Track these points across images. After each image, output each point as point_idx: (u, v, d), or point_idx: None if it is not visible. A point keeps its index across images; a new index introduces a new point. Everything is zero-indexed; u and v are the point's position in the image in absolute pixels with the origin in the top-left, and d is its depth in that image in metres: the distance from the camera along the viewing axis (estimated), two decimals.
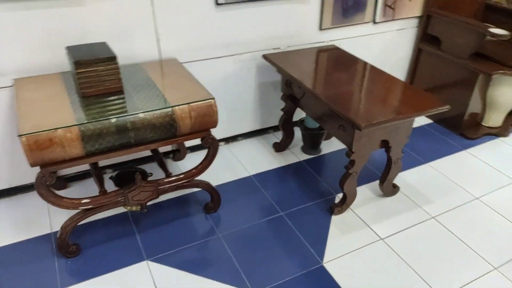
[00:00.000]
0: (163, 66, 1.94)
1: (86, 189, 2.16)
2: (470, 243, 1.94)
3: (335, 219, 2.04)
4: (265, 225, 1.98)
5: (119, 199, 1.69)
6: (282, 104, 2.41)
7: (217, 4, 2.03)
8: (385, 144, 1.90)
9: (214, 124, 1.65)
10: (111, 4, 1.79)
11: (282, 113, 2.40)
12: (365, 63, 2.25)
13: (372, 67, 2.21)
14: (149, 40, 1.96)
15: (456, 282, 1.74)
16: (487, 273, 1.79)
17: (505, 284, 1.74)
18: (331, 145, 2.62)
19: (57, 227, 1.87)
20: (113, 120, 1.45)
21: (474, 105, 2.69)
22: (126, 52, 1.88)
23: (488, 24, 2.51)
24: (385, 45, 2.80)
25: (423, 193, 2.24)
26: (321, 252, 1.84)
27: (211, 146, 1.73)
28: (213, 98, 1.62)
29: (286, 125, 2.40)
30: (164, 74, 1.86)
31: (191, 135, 1.65)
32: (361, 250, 1.87)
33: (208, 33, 2.10)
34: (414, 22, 2.84)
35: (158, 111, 1.52)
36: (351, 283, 1.71)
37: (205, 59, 2.17)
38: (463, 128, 2.76)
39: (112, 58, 1.55)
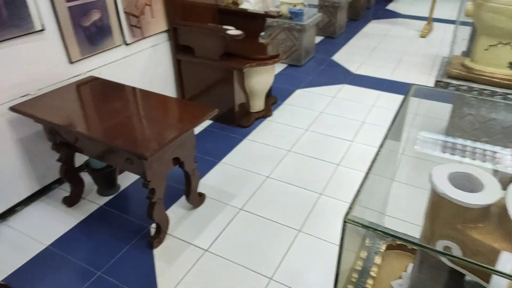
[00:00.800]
0: None
1: None
2: (275, 218, 2.20)
3: (157, 252, 1.96)
4: None
5: None
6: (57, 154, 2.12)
7: None
8: (177, 161, 1.92)
9: None
10: None
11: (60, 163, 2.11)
12: (133, 88, 2.19)
13: (139, 90, 2.17)
14: None
15: (277, 256, 1.95)
16: (296, 236, 2.08)
17: (311, 240, 2.06)
18: (129, 177, 2.49)
19: None
20: None
21: (239, 97, 3.03)
22: None
23: (226, 27, 2.85)
24: (145, 63, 2.81)
25: (226, 191, 2.40)
26: None
27: None
28: None
29: (70, 174, 2.13)
30: None
31: None
32: (192, 270, 1.86)
33: None
34: (164, 36, 2.94)
35: None
36: None
37: None
38: (238, 120, 3.08)
39: None
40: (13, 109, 1.87)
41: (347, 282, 1.15)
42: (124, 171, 2.50)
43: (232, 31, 2.66)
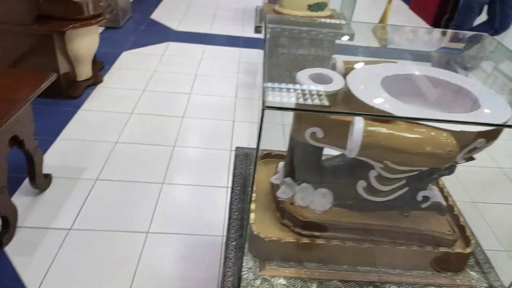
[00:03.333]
0: None
1: None
2: (136, 178, 2.16)
3: (10, 248, 1.70)
4: None
5: None
6: None
7: None
8: (15, 141, 1.66)
9: None
10: None
11: None
12: None
13: None
14: None
15: (148, 212, 1.94)
16: (161, 189, 2.09)
17: (177, 188, 2.11)
18: None
19: None
20: None
21: (63, 66, 2.71)
22: None
23: None
24: None
25: (75, 165, 2.20)
26: None
27: None
28: None
29: None
30: None
31: None
32: (60, 254, 1.70)
33: None
34: None
35: None
36: (77, 287, 1.57)
37: None
38: (65, 91, 2.77)
39: None
40: None
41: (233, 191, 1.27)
42: None
43: None
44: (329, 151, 1.02)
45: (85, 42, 2.76)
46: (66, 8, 2.65)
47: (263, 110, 0.74)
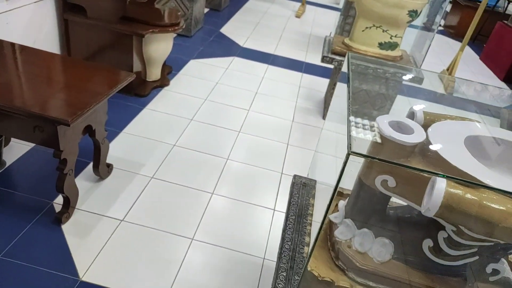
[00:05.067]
0: None
1: None
2: (188, 183, 2.23)
3: (66, 227, 1.81)
4: None
5: None
6: None
7: None
8: (88, 129, 1.78)
9: None
10: None
11: None
12: (46, 52, 1.93)
13: (46, 54, 1.93)
14: None
15: (195, 219, 2.00)
16: (210, 199, 2.16)
17: (225, 201, 2.17)
18: (15, 151, 2.18)
19: None
20: None
21: (136, 65, 2.88)
22: None
23: None
24: (27, 21, 2.44)
25: (134, 160, 2.32)
26: (73, 270, 1.63)
27: None
28: None
29: None
30: None
31: None
32: (110, 242, 1.79)
33: None
34: None
35: None
36: (119, 279, 1.64)
37: None
38: (134, 89, 2.94)
39: None
40: None
41: (286, 222, 1.29)
42: (8, 145, 2.17)
43: None
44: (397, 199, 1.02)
45: (160, 46, 2.92)
46: (148, 13, 2.84)
47: (348, 155, 0.76)
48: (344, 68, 1.34)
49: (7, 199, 1.89)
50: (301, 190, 1.49)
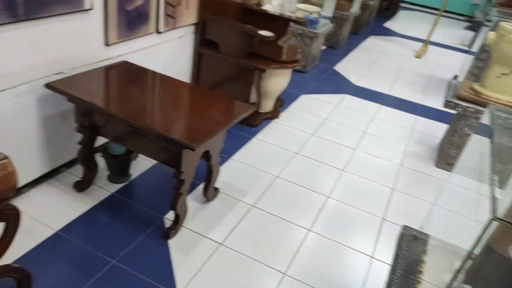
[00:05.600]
0: None
1: None
2: (286, 216, 2.24)
3: (172, 243, 1.95)
4: (99, 284, 1.69)
5: None
6: (74, 135, 2.08)
7: None
8: (205, 154, 1.93)
9: (12, 189, 1.27)
10: None
11: (75, 145, 2.08)
12: (169, 78, 2.19)
13: (177, 81, 2.17)
14: None
15: (290, 253, 1.98)
16: (306, 235, 2.12)
17: (322, 240, 2.11)
18: (140, 166, 2.46)
19: None
20: None
21: (252, 97, 3.06)
22: None
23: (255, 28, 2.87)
24: (171, 53, 2.81)
25: (239, 187, 2.42)
26: (172, 285, 1.74)
27: (10, 219, 1.33)
28: (6, 157, 1.23)
29: (87, 158, 2.09)
30: None
31: None
32: (208, 263, 1.87)
33: None
34: (192, 29, 2.94)
35: None
36: None
37: None
38: (247, 119, 3.09)
39: None
40: (48, 86, 1.81)
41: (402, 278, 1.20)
42: (136, 159, 2.47)
43: (264, 32, 2.69)
44: None
45: (277, 81, 3.06)
46: (271, 50, 3.02)
47: (491, 220, 0.68)
48: (485, 120, 1.23)
49: (128, 209, 2.12)
50: (411, 243, 1.38)
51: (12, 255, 1.72)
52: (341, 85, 4.28)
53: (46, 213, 2.00)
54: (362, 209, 2.41)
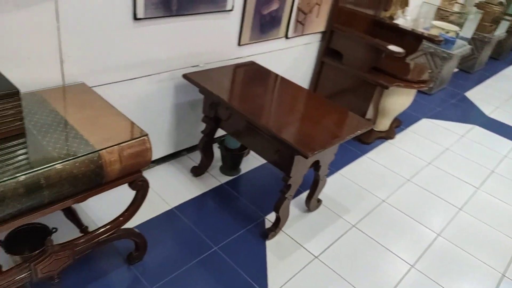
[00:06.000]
0: (69, 94, 1.60)
1: None
2: (388, 245, 2.11)
3: (269, 244, 1.99)
4: (200, 266, 1.80)
5: (23, 275, 1.32)
6: (198, 124, 2.25)
7: (135, 19, 1.76)
8: (315, 164, 1.93)
9: (147, 163, 1.43)
10: (4, 18, 1.39)
11: (197, 133, 2.25)
12: (296, 85, 2.23)
13: (301, 88, 2.21)
14: (51, 62, 1.58)
15: (387, 286, 1.87)
16: (408, 271, 1.97)
17: (425, 280, 1.94)
18: (250, 163, 2.56)
19: None
20: (22, 179, 1.12)
21: (369, 113, 2.95)
22: (19, 79, 1.46)
23: (384, 42, 2.77)
24: (294, 59, 2.87)
25: (342, 203, 2.36)
26: (264, 284, 1.77)
27: (141, 189, 1.50)
28: (146, 135, 1.39)
29: (207, 147, 2.25)
30: (74, 105, 1.53)
31: (118, 180, 1.39)
32: (301, 273, 1.86)
33: (122, 51, 1.81)
34: (318, 36, 2.97)
35: (81, 158, 1.23)
36: None
37: (117, 82, 1.86)
38: (360, 134, 3.00)
39: (14, 94, 1.19)
40: (185, 76, 2.01)
41: None
42: (247, 155, 2.58)
43: (393, 47, 2.58)
44: None
45: (398, 100, 2.90)
46: (397, 67, 2.87)
47: None
48: None
49: (234, 202, 2.23)
50: None
51: (134, 221, 1.93)
52: (470, 114, 3.87)
53: (166, 190, 2.20)
54: (477, 257, 2.15)
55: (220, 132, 2.36)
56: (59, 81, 1.65)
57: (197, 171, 2.33)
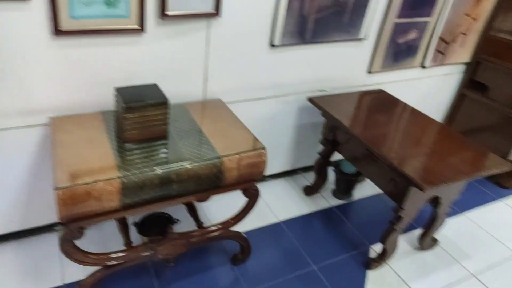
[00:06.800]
0: (207, 108, 1.88)
1: (104, 235, 1.93)
2: None
3: (371, 274, 1.94)
4: (297, 280, 1.87)
5: (147, 253, 1.59)
6: (316, 145, 2.34)
7: (272, 46, 1.99)
8: (434, 199, 1.82)
9: (261, 175, 1.59)
10: (167, 44, 1.75)
11: (314, 154, 2.34)
12: (427, 117, 2.15)
13: (432, 120, 2.12)
14: (197, 80, 1.91)
15: None
16: None
17: None
18: (363, 190, 2.53)
19: (69, 279, 1.71)
20: (159, 172, 1.38)
21: (511, 154, 2.62)
22: (170, 92, 1.79)
23: None
24: (428, 89, 2.75)
25: (461, 247, 2.15)
26: None
27: (252, 197, 1.66)
28: (264, 148, 1.55)
29: (322, 168, 2.32)
30: (210, 117, 1.80)
31: (234, 186, 1.58)
32: None
33: (256, 74, 2.04)
34: (461, 67, 2.79)
35: (207, 162, 1.45)
36: None
37: (249, 100, 2.11)
38: (499, 176, 2.68)
39: (164, 103, 1.49)
40: (310, 100, 2.14)
41: None
42: (362, 182, 2.55)
43: None
44: None
45: None
46: None
47: None
48: None
49: (341, 226, 2.23)
50: None
51: (243, 226, 2.12)
52: None
53: (277, 204, 2.34)
54: None
55: (336, 157, 2.41)
56: (201, 96, 1.96)
57: (310, 191, 2.42)
